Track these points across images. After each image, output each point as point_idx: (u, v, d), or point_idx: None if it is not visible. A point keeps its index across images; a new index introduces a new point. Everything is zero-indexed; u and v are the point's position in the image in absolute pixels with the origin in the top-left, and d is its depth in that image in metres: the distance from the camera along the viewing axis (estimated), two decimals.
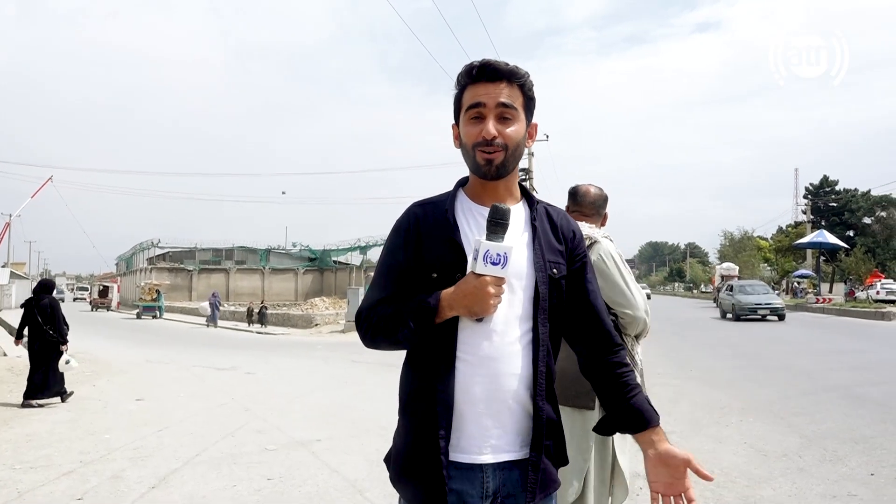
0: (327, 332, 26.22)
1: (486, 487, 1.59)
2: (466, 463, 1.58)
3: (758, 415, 7.56)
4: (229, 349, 18.51)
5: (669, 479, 1.64)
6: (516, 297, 1.61)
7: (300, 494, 4.70)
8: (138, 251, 59.38)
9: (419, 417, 1.60)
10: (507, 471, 1.60)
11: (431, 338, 1.59)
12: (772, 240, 64.49)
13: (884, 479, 5.00)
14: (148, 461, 5.63)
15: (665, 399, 8.67)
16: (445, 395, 1.57)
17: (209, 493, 4.74)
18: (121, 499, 4.61)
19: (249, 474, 5.21)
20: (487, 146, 1.60)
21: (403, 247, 1.67)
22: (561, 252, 1.70)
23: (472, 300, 1.52)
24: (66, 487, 4.87)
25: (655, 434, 1.65)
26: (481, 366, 1.59)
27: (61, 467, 5.40)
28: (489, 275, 1.49)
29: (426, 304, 1.56)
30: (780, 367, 11.80)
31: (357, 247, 52.37)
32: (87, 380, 11.36)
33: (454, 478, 1.57)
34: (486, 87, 1.62)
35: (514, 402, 1.60)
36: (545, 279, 1.63)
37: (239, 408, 8.34)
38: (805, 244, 39.54)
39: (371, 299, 1.70)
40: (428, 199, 1.74)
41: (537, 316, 1.62)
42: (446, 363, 1.58)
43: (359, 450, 6.05)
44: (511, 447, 1.61)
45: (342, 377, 11.88)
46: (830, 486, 4.85)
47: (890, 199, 61.38)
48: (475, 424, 1.59)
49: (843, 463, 5.50)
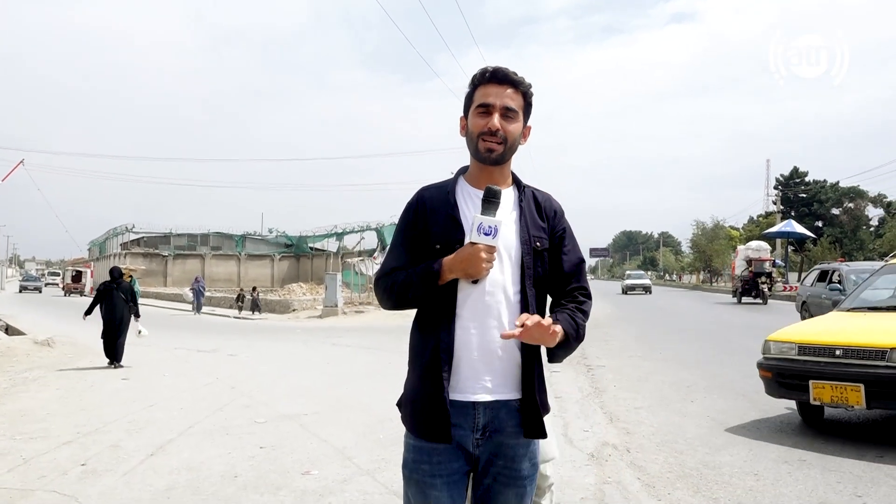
0: (305, 317, 26.43)
1: (477, 422, 1.91)
2: (461, 401, 1.90)
3: (721, 392, 7.99)
4: (209, 333, 18.66)
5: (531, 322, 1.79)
6: (505, 264, 1.93)
7: (292, 460, 5.00)
8: (112, 236, 58.72)
9: (426, 364, 1.92)
10: (496, 409, 1.92)
11: (436, 297, 1.91)
12: (743, 229, 65.70)
13: (832, 447, 5.42)
14: (143, 433, 5.88)
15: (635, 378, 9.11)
16: (447, 343, 1.89)
17: (205, 459, 5.02)
18: (122, 464, 4.88)
19: (242, 443, 5.50)
20: (491, 136, 1.91)
21: (413, 223, 2.00)
22: (544, 228, 2.02)
23: (468, 264, 1.84)
24: (69, 455, 5.12)
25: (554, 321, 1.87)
26: (476, 320, 1.91)
27: (60, 438, 5.64)
28: (482, 243, 1.82)
29: (431, 269, 1.88)
30: (742, 349, 12.30)
31: (334, 233, 52.33)
32: (69, 361, 11.52)
33: (451, 414, 1.89)
34: (495, 88, 1.94)
35: (503, 351, 1.92)
36: (529, 251, 1.96)
37: (225, 386, 8.59)
38: (773, 233, 40.43)
39: (386, 267, 2.02)
40: (434, 184, 2.07)
41: (524, 281, 1.94)
42: (448, 317, 1.90)
43: (344, 423, 6.36)
44: (499, 390, 1.92)
45: (323, 359, 12.16)
46: (783, 453, 5.26)
47: (857, 191, 62.76)
48: (470, 369, 1.91)
49: (796, 433, 5.92)
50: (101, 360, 11.77)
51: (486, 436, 1.92)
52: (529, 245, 1.96)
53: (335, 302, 26.03)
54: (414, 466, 1.94)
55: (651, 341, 13.92)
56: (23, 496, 4.16)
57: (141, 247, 56.00)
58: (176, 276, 53.21)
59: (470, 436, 1.91)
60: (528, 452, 1.98)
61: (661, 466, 4.97)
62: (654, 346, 13.09)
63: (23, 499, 4.12)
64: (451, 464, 1.91)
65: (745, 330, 17.06)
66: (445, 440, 1.88)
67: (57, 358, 12.02)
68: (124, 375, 9.62)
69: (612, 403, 7.36)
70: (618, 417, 6.64)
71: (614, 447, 5.48)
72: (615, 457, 5.20)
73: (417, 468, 1.93)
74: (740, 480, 4.60)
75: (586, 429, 6.07)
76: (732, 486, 4.46)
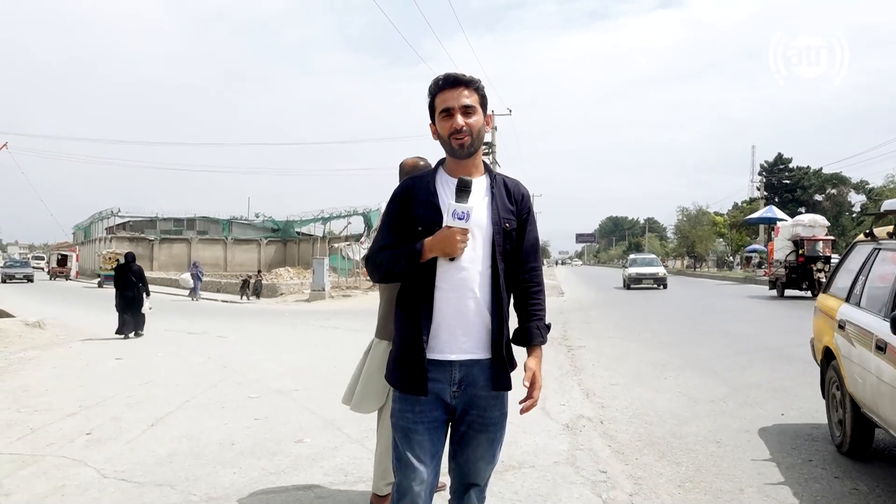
0: (293, 301, 26.68)
1: (454, 378, 2.24)
2: (440, 360, 2.23)
3: (694, 370, 8.38)
4: (196, 316, 18.88)
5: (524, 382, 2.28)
6: (478, 243, 2.25)
7: (286, 430, 5.31)
8: (97, 220, 58.46)
9: (408, 328, 2.24)
10: (469, 367, 2.25)
11: (418, 272, 2.23)
12: (728, 215, 66.41)
13: (791, 418, 5.81)
14: (142, 407, 6.17)
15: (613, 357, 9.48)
16: (427, 311, 2.22)
17: (204, 430, 5.33)
18: (125, 434, 5.17)
19: (238, 416, 5.81)
20: (458, 134, 2.22)
21: (399, 208, 2.32)
22: (512, 211, 2.34)
23: (445, 245, 2.17)
24: (73, 425, 5.41)
25: (532, 351, 2.33)
26: (452, 291, 2.23)
27: (63, 410, 5.92)
28: (456, 226, 2.15)
29: (414, 248, 2.21)
30: (719, 332, 12.75)
31: (320, 218, 52.45)
32: (62, 343, 11.73)
33: (431, 371, 2.22)
34: (450, 92, 2.25)
35: (476, 317, 2.25)
36: (500, 230, 2.28)
37: (217, 365, 8.88)
38: (755, 219, 41.05)
39: (376, 245, 2.35)
40: (417, 174, 2.39)
41: (495, 256, 2.26)
42: (428, 289, 2.23)
43: (333, 398, 6.58)
44: (472, 350, 2.26)
45: (311, 341, 12.46)
46: (745, 423, 5.64)
47: (840, 177, 63.63)
48: (447, 332, 2.23)
49: (760, 406, 6.30)
50: (92, 340, 12.04)
51: (461, 389, 2.25)
52: (500, 226, 2.27)
53: (323, 286, 26.30)
54: (400, 415, 2.26)
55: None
56: (34, 461, 4.46)
57: (127, 231, 55.79)
58: (162, 260, 53.14)
59: (448, 389, 2.24)
60: (498, 403, 2.31)
61: (630, 436, 5.32)
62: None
63: (34, 463, 4.41)
64: (431, 412, 2.24)
65: (713, 312, 17.52)
66: (422, 393, 2.21)
67: (49, 339, 12.22)
68: (118, 355, 9.87)
69: (589, 381, 7.72)
70: (594, 393, 6.99)
71: (588, 419, 5.82)
72: (589, 427, 5.55)
73: (403, 416, 2.25)
74: (703, 447, 4.96)
75: (563, 403, 6.42)
76: (695, 453, 4.82)
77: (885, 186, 49.02)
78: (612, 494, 3.95)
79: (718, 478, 4.28)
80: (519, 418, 2.54)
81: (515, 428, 4.41)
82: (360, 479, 4.16)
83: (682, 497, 3.95)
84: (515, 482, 4.10)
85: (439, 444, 2.29)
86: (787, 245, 23.85)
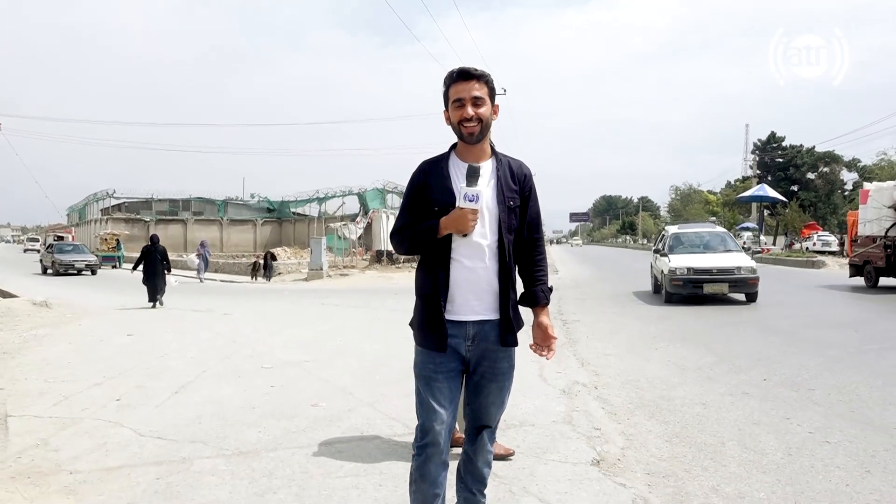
0: (290, 280, 27.03)
1: (468, 334, 2.60)
2: (457, 320, 2.59)
3: (683, 342, 8.78)
4: (197, 295, 19.18)
5: (540, 338, 2.68)
6: (487, 220, 2.61)
7: (301, 396, 5.69)
8: (91, 201, 58.51)
9: (429, 295, 2.60)
10: (481, 325, 2.62)
11: (436, 247, 2.59)
12: (721, 194, 66.88)
13: (773, 383, 6.21)
14: (162, 377, 6.53)
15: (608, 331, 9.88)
16: (444, 280, 2.57)
17: (225, 396, 5.70)
18: (152, 400, 5.54)
19: (254, 384, 6.18)
20: (468, 122, 2.56)
21: (417, 190, 2.67)
22: (516, 190, 2.68)
23: (458, 223, 2.53)
24: (102, 393, 5.77)
25: (540, 310, 2.71)
26: (465, 262, 2.59)
27: (88, 381, 6.28)
28: (467, 207, 2.50)
29: (431, 226, 2.58)
30: (709, 306, 13.15)
31: (316, 198, 52.71)
32: (70, 321, 12.03)
33: (449, 329, 2.57)
34: (463, 84, 2.59)
35: (486, 283, 2.61)
36: (505, 209, 2.63)
37: (227, 340, 9.23)
38: (746, 198, 41.42)
39: (398, 223, 2.71)
40: (432, 158, 2.74)
41: (501, 232, 2.61)
42: (444, 261, 2.59)
43: (343, 368, 7.05)
44: (484, 312, 2.62)
45: (314, 317, 12.84)
46: (730, 388, 6.04)
47: (832, 156, 64.04)
48: (462, 298, 2.59)
49: (744, 373, 6.70)
50: (101, 318, 12.39)
51: (475, 344, 2.62)
52: (504, 204, 2.63)
53: (320, 265, 26.63)
54: (422, 366, 2.63)
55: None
56: (73, 423, 4.82)
57: (122, 212, 55.91)
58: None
59: (463, 344, 2.61)
60: (506, 356, 2.68)
61: (623, 399, 5.72)
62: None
63: (74, 425, 4.77)
64: (449, 364, 2.61)
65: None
66: (442, 350, 2.57)
67: (57, 317, 12.51)
68: (128, 332, 10.21)
69: (584, 351, 8.12)
70: (589, 362, 7.39)
71: (583, 385, 6.21)
72: (584, 392, 5.94)
73: (425, 367, 2.62)
74: (689, 409, 5.36)
75: (559, 371, 6.80)
76: (682, 413, 5.22)
77: (877, 164, 49.56)
78: (606, 448, 4.34)
79: (703, 433, 4.68)
80: (518, 384, 2.92)
81: (515, 393, 4.74)
82: (375, 436, 4.54)
83: (669, 450, 4.34)
84: (517, 438, 4.48)
85: (456, 392, 2.66)
86: (885, 215, 16.62)
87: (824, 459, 4.11)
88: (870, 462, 4.06)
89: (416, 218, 2.64)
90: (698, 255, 14.03)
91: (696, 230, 16.05)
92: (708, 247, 14.68)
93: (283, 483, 3.67)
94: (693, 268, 13.27)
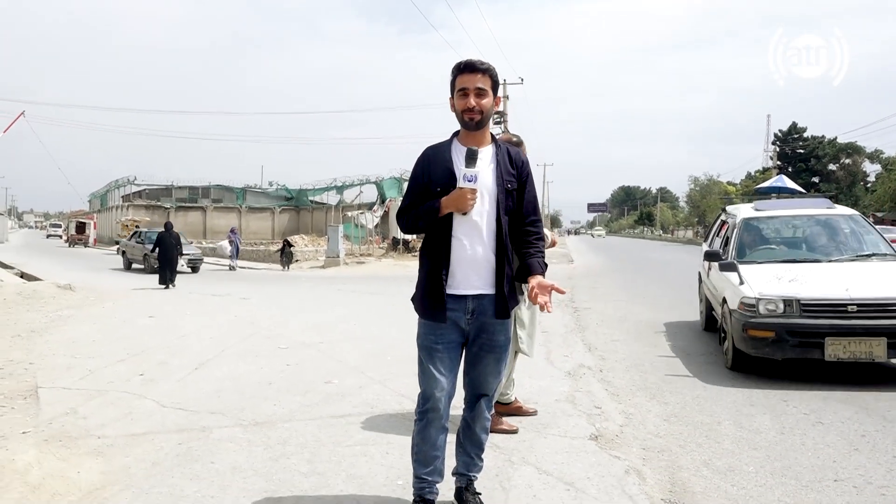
0: (308, 267, 27.37)
1: (468, 308, 2.80)
2: (457, 294, 2.79)
3: (690, 330, 8.92)
4: (216, 280, 19.58)
5: (538, 288, 2.72)
6: (486, 200, 2.80)
7: (316, 374, 5.93)
8: (113, 188, 59.23)
9: (431, 270, 2.80)
10: (480, 299, 2.81)
11: (438, 225, 2.79)
12: (740, 184, 66.37)
13: (773, 367, 6.35)
14: (183, 355, 6.80)
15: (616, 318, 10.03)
16: (446, 255, 2.77)
17: (243, 372, 5.96)
18: (174, 375, 5.82)
19: (270, 362, 6.44)
20: (470, 111, 2.75)
21: (421, 173, 2.87)
22: (513, 174, 2.87)
23: (458, 202, 2.73)
24: (126, 369, 6.05)
25: (534, 276, 2.79)
26: (465, 239, 2.79)
27: (113, 357, 6.56)
28: (467, 187, 2.69)
29: (433, 206, 2.78)
30: None
31: (333, 186, 52.99)
32: (94, 303, 12.38)
33: (449, 303, 2.77)
34: (468, 76, 2.78)
35: (485, 260, 2.80)
36: (503, 191, 2.82)
37: (244, 322, 9.51)
38: (765, 188, 40.78)
39: (404, 204, 2.92)
40: (436, 144, 2.93)
41: (499, 212, 2.80)
42: (446, 239, 2.79)
43: (354, 348, 7.29)
44: (482, 287, 2.81)
45: (329, 302, 13.10)
46: (731, 372, 6.19)
47: (854, 147, 63.19)
48: (462, 273, 2.79)
49: None
50: (123, 301, 12.74)
51: (474, 317, 2.82)
52: (502, 186, 2.82)
53: (337, 252, 26.94)
54: (425, 337, 2.84)
55: None
56: (100, 394, 5.09)
57: (143, 199, 56.55)
58: (178, 228, 53.51)
59: (463, 317, 2.81)
60: (503, 329, 2.87)
61: (626, 382, 5.90)
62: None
63: (100, 396, 5.04)
64: (450, 335, 2.81)
65: None
66: (442, 321, 2.77)
67: (81, 300, 12.87)
68: (150, 314, 10.52)
69: (592, 337, 8.29)
70: (596, 347, 7.56)
71: (588, 368, 6.40)
72: (588, 375, 6.13)
73: (427, 338, 2.82)
74: (690, 391, 5.53)
75: (566, 355, 6.99)
76: (682, 395, 5.40)
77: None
78: (605, 425, 4.53)
79: (701, 413, 4.86)
80: (525, 367, 3.08)
81: (521, 373, 5.00)
82: (384, 411, 4.76)
83: (666, 428, 4.52)
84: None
85: (456, 361, 2.87)
86: None
87: (815, 438, 4.28)
88: (859, 441, 4.23)
89: (420, 199, 2.84)
90: (807, 271, 6.38)
91: (795, 212, 8.00)
92: (821, 249, 7.16)
93: (296, 450, 3.90)
94: (801, 300, 5.85)
